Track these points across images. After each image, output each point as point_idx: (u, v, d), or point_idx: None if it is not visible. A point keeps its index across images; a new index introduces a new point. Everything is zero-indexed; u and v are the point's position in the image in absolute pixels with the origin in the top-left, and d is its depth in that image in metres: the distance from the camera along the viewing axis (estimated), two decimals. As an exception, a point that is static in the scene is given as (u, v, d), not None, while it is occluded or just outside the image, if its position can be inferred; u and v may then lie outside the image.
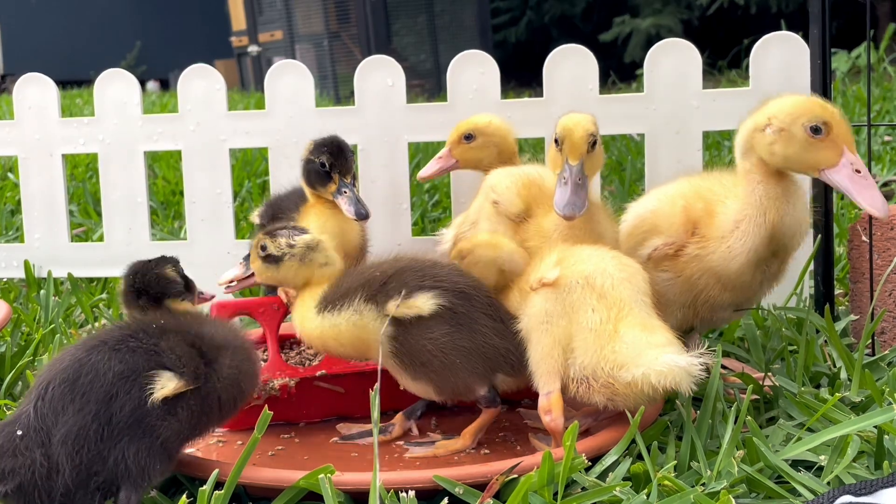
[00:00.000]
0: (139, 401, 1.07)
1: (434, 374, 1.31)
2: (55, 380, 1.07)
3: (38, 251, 2.18)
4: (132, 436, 1.06)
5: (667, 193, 1.47)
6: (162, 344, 1.12)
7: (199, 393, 1.13)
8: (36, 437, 1.04)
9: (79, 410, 1.05)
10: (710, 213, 1.40)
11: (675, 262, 1.42)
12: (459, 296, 1.32)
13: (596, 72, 1.92)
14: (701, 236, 1.40)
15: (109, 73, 2.13)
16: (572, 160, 1.34)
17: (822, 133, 1.29)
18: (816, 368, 1.50)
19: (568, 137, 1.35)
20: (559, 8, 9.03)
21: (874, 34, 6.43)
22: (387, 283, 1.31)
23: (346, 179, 1.51)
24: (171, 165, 3.62)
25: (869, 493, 1.02)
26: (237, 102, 6.07)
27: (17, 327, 1.83)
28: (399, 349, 1.31)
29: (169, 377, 1.10)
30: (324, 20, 8.09)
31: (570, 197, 1.32)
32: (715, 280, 1.39)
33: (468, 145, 1.70)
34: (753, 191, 1.35)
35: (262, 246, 1.36)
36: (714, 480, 1.12)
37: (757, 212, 1.34)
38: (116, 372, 1.07)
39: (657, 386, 1.16)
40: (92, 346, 1.10)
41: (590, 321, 1.24)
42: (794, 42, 1.83)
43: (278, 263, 1.35)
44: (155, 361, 1.10)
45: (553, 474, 1.09)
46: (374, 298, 1.30)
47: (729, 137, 3.69)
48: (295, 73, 2.03)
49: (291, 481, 1.11)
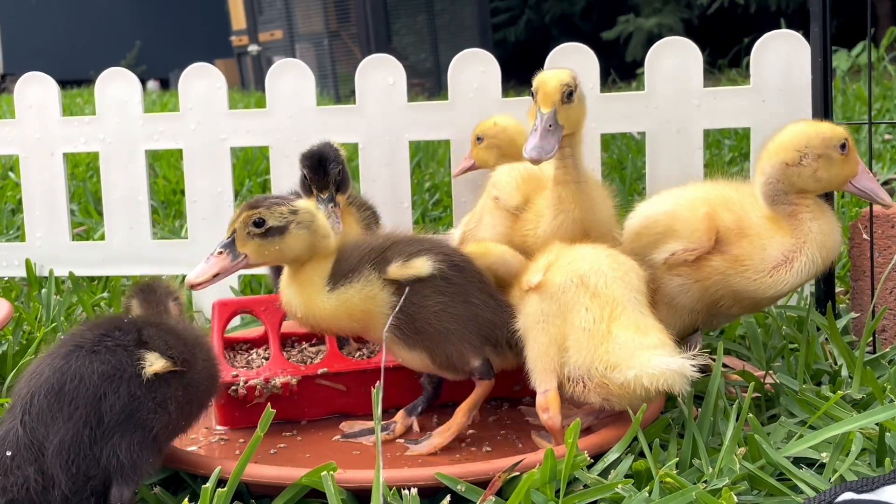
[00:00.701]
0: (129, 397, 1.06)
1: (429, 341, 1.31)
2: (39, 392, 1.05)
3: (40, 250, 2.19)
4: (124, 431, 1.06)
5: (686, 197, 1.46)
6: (144, 333, 1.12)
7: (184, 383, 1.13)
8: (27, 453, 1.03)
9: (69, 419, 1.04)
10: (741, 232, 1.40)
11: (693, 269, 1.42)
12: (454, 267, 1.34)
13: (597, 70, 1.92)
14: (733, 256, 1.39)
15: (110, 72, 2.13)
16: (544, 108, 1.33)
17: (846, 149, 1.39)
18: (818, 366, 1.50)
19: (541, 87, 1.35)
20: (559, 7, 9.04)
21: (874, 33, 6.43)
22: (387, 249, 1.32)
23: (322, 195, 1.49)
24: (171, 164, 3.63)
25: (871, 490, 1.02)
26: (237, 102, 6.07)
27: (19, 326, 1.83)
28: (397, 317, 1.30)
29: (156, 356, 1.10)
30: (324, 19, 8.09)
31: (537, 141, 1.30)
32: (733, 298, 1.41)
33: (479, 147, 1.79)
34: (809, 229, 1.38)
35: (256, 221, 1.25)
36: (716, 478, 1.12)
37: (815, 248, 1.38)
38: (101, 373, 1.06)
39: (650, 388, 1.17)
40: (67, 352, 1.08)
41: (583, 320, 1.24)
42: (794, 40, 1.83)
43: (283, 234, 1.25)
44: (138, 355, 1.09)
45: (555, 472, 1.09)
46: (377, 265, 1.31)
47: (729, 136, 3.70)
48: (296, 72, 2.03)
49: (294, 479, 1.12)
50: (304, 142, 2.02)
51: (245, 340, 1.70)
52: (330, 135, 2.03)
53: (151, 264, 2.13)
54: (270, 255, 1.27)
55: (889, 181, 2.86)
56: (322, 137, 2.01)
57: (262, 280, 2.20)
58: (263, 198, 1.28)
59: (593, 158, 1.89)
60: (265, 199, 1.27)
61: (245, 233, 1.26)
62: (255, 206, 1.25)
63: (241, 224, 1.26)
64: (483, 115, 1.92)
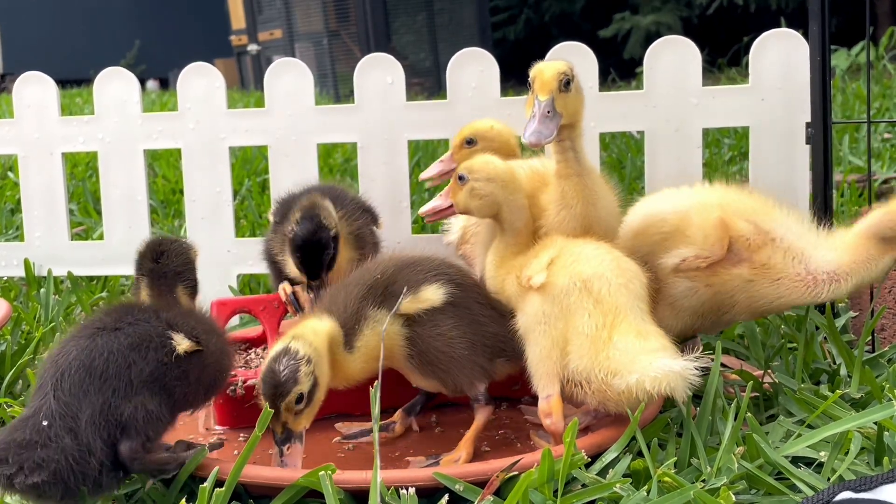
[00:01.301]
0: (156, 363, 1.12)
1: (442, 371, 1.32)
2: (69, 369, 1.10)
3: (39, 250, 2.19)
4: (151, 391, 1.11)
5: (697, 200, 1.45)
6: (163, 316, 1.17)
7: (200, 362, 1.18)
8: (63, 423, 1.07)
9: (99, 389, 1.08)
10: (765, 240, 1.39)
11: (704, 274, 1.41)
12: (457, 286, 1.34)
13: (595, 70, 1.92)
14: (762, 264, 1.38)
15: (109, 71, 2.13)
16: (541, 95, 1.32)
17: None
18: (816, 365, 1.50)
19: (538, 76, 1.34)
20: (558, 6, 9.03)
21: (874, 32, 6.43)
22: (389, 285, 1.31)
23: (314, 283, 1.48)
24: (171, 164, 3.62)
25: (869, 490, 1.02)
26: (237, 101, 6.06)
27: (18, 326, 1.83)
28: (412, 350, 1.31)
29: (181, 337, 1.16)
30: (323, 19, 8.09)
31: (536, 125, 1.29)
32: (748, 303, 1.40)
33: (469, 150, 1.68)
34: (868, 265, 1.38)
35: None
36: (714, 477, 1.12)
37: (859, 281, 1.39)
38: (127, 345, 1.12)
39: (651, 392, 1.16)
40: (91, 333, 1.14)
41: (585, 326, 1.24)
42: (793, 39, 1.83)
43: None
44: (162, 327, 1.15)
45: (553, 471, 1.09)
46: (383, 303, 1.30)
47: (729, 135, 3.69)
48: (295, 72, 2.03)
49: (292, 480, 1.11)
50: (303, 141, 2.03)
51: (244, 340, 1.70)
52: (329, 134, 2.03)
53: (150, 264, 2.13)
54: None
55: (888, 180, 2.86)
56: (321, 137, 2.03)
57: (260, 280, 2.20)
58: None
59: (593, 157, 1.88)
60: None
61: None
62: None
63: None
64: (482, 114, 1.92)
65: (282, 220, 1.59)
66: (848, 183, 2.68)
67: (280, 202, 1.69)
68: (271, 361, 1.19)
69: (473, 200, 1.35)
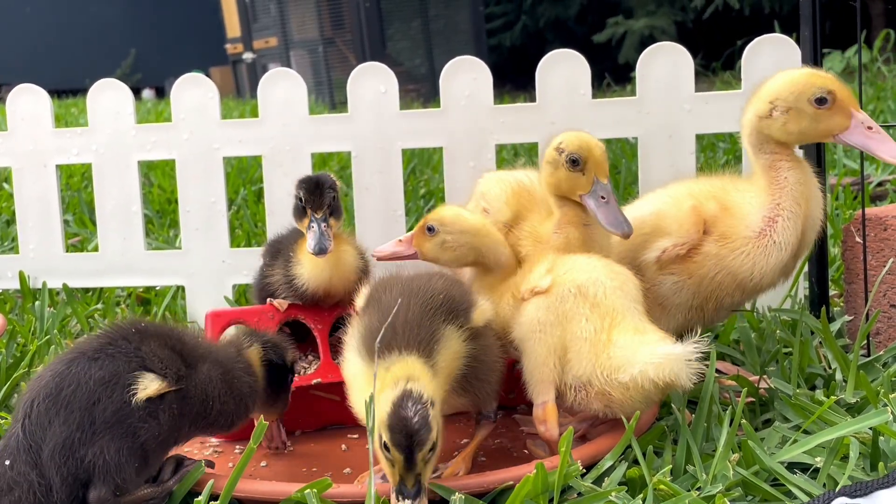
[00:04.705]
0: (121, 403, 1.07)
1: (481, 386, 1.27)
2: (38, 396, 1.07)
3: (33, 262, 2.18)
4: (113, 435, 1.06)
5: (670, 195, 1.47)
6: (143, 348, 1.12)
7: (179, 396, 1.13)
8: (27, 457, 1.05)
9: (63, 422, 1.05)
10: (725, 209, 1.41)
11: (685, 264, 1.42)
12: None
13: (588, 76, 1.92)
14: (720, 235, 1.40)
15: (102, 83, 2.13)
16: (604, 178, 1.33)
17: (827, 103, 1.36)
18: (811, 370, 1.50)
19: (591, 157, 1.33)
20: (553, 11, 9.04)
21: (868, 34, 6.44)
22: (452, 300, 1.24)
23: (317, 215, 1.50)
24: (166, 174, 3.62)
25: (864, 495, 1.02)
26: (232, 109, 6.06)
27: (13, 338, 1.83)
28: (467, 366, 1.23)
29: (152, 378, 1.10)
30: (318, 26, 8.09)
31: (620, 216, 1.31)
32: (731, 279, 1.40)
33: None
34: (785, 179, 1.37)
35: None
36: (710, 484, 1.12)
37: (792, 198, 1.37)
38: (97, 378, 1.08)
39: (656, 380, 1.16)
40: (71, 358, 1.11)
41: (584, 331, 1.24)
42: (785, 44, 1.83)
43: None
44: (136, 364, 1.10)
45: (547, 484, 1.09)
46: (452, 319, 1.21)
47: (723, 139, 3.70)
48: (288, 81, 2.03)
49: (286, 494, 1.11)
50: (297, 151, 2.03)
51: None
52: (323, 143, 2.03)
53: (145, 275, 2.13)
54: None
55: (883, 182, 2.86)
56: (315, 146, 2.03)
57: (256, 289, 2.20)
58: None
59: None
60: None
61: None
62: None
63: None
64: (475, 122, 1.92)
65: (270, 261, 1.60)
66: (842, 186, 2.68)
67: (268, 244, 1.69)
68: (396, 408, 1.03)
69: (445, 253, 1.36)
